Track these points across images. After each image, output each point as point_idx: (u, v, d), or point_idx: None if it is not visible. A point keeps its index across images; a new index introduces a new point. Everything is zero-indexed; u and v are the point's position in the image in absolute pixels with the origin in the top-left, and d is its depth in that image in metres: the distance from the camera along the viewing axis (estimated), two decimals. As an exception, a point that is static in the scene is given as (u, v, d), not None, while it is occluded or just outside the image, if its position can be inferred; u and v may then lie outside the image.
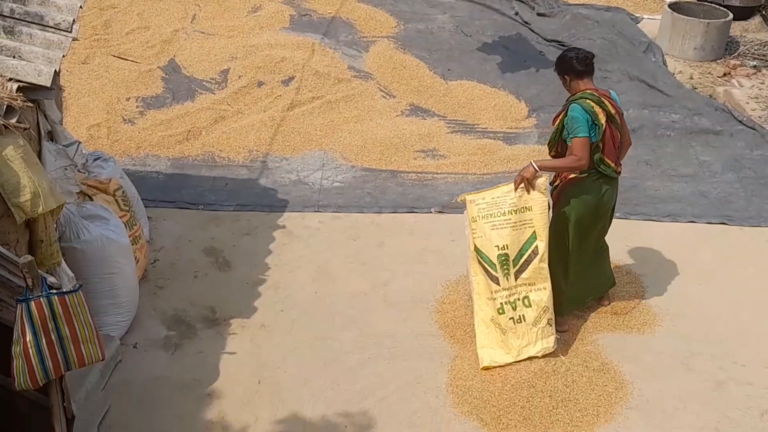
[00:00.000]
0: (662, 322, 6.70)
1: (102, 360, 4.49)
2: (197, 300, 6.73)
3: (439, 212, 7.87)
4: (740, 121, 9.59)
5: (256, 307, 6.69)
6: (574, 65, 6.18)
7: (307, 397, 5.92)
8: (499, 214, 6.04)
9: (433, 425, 5.76)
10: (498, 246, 6.05)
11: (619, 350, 6.40)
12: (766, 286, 7.16)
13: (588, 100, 6.09)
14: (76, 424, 4.83)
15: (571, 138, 6.04)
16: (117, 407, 5.74)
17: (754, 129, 9.46)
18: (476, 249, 6.08)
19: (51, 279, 4.35)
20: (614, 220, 6.51)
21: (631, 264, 7.26)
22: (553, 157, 6.27)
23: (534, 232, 6.07)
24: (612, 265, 7.13)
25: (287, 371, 6.13)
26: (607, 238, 6.79)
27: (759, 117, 9.74)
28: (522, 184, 5.98)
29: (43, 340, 4.19)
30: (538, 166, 5.96)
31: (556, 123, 6.21)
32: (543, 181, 6.03)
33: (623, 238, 7.53)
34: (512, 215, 6.04)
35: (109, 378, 5.93)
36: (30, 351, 4.18)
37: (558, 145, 6.23)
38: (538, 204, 6.05)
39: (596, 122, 6.07)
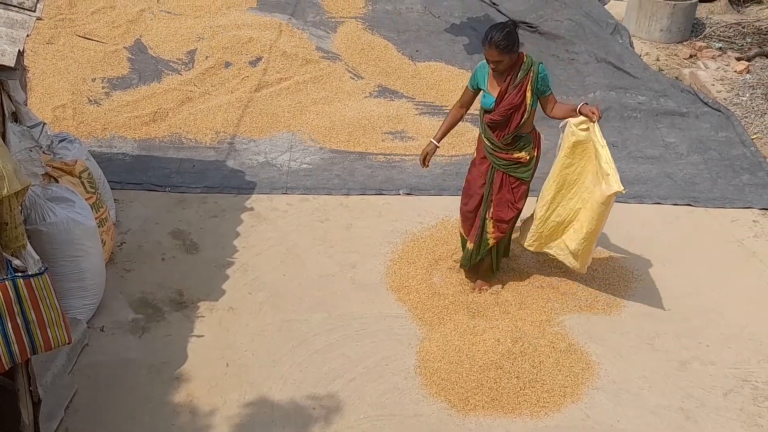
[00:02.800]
0: (628, 303, 6.76)
1: (69, 343, 4.47)
2: (165, 283, 6.70)
3: (407, 194, 7.88)
4: (705, 103, 9.67)
5: (224, 290, 6.67)
6: (518, 37, 6.10)
7: (275, 379, 5.92)
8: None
9: (401, 406, 5.78)
10: None
11: (586, 331, 6.46)
12: (729, 267, 7.24)
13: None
14: (42, 407, 4.81)
15: (549, 93, 6.23)
16: (84, 391, 5.72)
17: (719, 111, 9.54)
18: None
19: (16, 262, 4.32)
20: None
21: (597, 245, 7.30)
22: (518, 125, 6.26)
23: None
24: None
25: (255, 354, 6.12)
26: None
27: (724, 99, 9.83)
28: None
29: (9, 324, 4.16)
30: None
31: (527, 92, 6.12)
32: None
33: (590, 220, 7.58)
34: None
35: (76, 361, 5.91)
36: (-5, 335, 4.15)
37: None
38: None
39: None
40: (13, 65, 4.64)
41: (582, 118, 6.17)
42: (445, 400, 5.86)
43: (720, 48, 11.08)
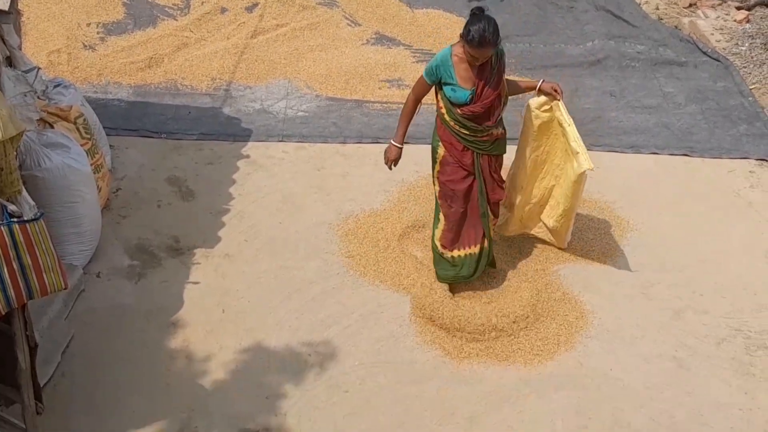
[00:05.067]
0: (623, 253, 6.77)
1: (65, 289, 4.49)
2: (161, 229, 6.71)
3: (405, 142, 7.83)
4: (705, 53, 9.61)
5: (220, 237, 6.68)
6: None
7: (271, 326, 5.95)
8: None
9: (396, 353, 5.82)
10: None
11: (581, 280, 6.48)
12: (725, 217, 7.25)
13: None
14: (39, 352, 4.83)
15: None
16: (80, 336, 5.75)
17: (718, 60, 9.49)
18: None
19: (12, 207, 4.32)
20: (578, 151, 6.55)
21: (593, 195, 7.30)
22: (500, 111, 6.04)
23: None
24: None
25: (251, 300, 6.15)
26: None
27: (723, 48, 9.76)
28: None
29: (5, 269, 4.17)
30: None
31: (503, 76, 5.89)
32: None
33: (586, 169, 7.57)
34: None
35: (72, 307, 5.93)
36: (-9, 280, 4.16)
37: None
38: None
39: None
40: (6, 9, 4.61)
41: (542, 99, 6.02)
42: (439, 348, 5.89)
43: (720, -3, 10.98)
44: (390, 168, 6.22)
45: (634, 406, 5.53)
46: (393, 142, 6.13)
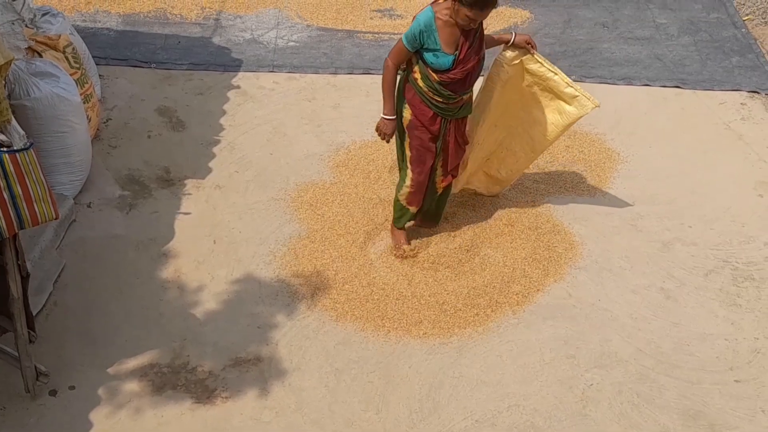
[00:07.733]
0: (612, 184, 6.79)
1: (56, 219, 4.49)
2: (151, 160, 6.69)
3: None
4: (698, -16, 9.54)
5: (210, 168, 6.67)
6: None
7: (262, 256, 5.97)
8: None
9: (387, 291, 5.86)
10: None
11: (570, 212, 6.50)
12: (715, 149, 7.26)
13: None
14: (31, 281, 4.85)
15: None
16: (72, 266, 5.77)
17: (711, -9, 9.42)
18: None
19: (1, 137, 4.30)
20: (570, 83, 6.50)
21: (584, 127, 7.29)
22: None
23: None
24: (565, 129, 7.19)
25: (243, 231, 6.16)
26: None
27: (717, -21, 9.68)
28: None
29: (-5, 199, 4.17)
30: None
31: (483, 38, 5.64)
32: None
33: (578, 101, 7.55)
34: None
35: (64, 237, 5.94)
36: (-18, 209, 4.16)
37: None
38: None
39: None
40: (-8, -65, 4.54)
41: (514, 53, 5.77)
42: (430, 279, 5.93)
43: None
44: (387, 142, 5.78)
45: (622, 337, 5.59)
46: (384, 116, 5.65)
